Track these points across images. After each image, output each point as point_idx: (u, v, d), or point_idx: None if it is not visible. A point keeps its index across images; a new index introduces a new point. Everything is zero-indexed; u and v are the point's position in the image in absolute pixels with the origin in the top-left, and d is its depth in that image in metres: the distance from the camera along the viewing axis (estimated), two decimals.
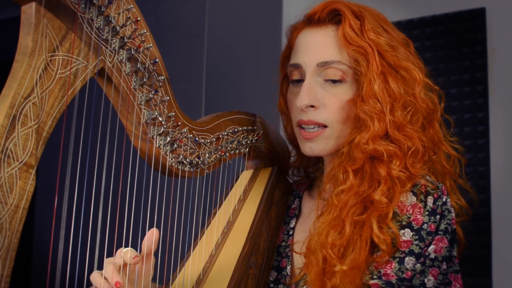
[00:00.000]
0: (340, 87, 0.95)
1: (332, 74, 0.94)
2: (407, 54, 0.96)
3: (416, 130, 0.92)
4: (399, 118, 0.91)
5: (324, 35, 0.96)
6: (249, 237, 0.99)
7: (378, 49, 0.92)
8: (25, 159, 0.65)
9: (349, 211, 0.89)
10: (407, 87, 0.93)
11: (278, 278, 1.02)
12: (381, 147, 0.90)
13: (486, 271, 2.03)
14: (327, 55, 0.94)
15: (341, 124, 0.96)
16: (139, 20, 0.81)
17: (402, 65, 0.93)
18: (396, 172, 0.89)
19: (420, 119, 0.94)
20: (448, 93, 2.14)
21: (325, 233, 0.88)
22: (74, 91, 0.72)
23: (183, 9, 2.09)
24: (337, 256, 0.86)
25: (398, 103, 0.91)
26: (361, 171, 0.92)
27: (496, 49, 2.13)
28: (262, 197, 1.08)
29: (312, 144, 0.98)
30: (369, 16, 0.95)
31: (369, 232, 0.86)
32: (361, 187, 0.90)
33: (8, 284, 0.63)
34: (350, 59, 0.93)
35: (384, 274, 0.85)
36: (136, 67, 0.83)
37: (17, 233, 0.64)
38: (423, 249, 0.85)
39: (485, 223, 2.05)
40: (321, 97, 0.95)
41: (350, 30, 0.92)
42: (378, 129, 0.90)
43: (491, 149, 2.09)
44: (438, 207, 0.88)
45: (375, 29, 0.94)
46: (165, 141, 0.89)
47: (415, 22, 2.22)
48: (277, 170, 1.16)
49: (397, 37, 0.97)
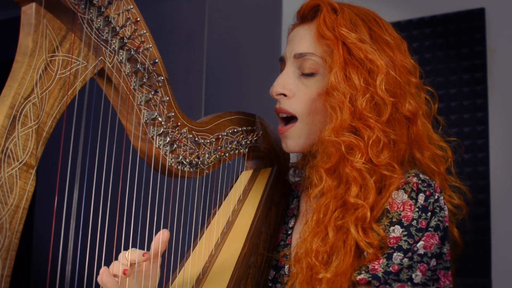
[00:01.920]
0: (313, 80, 0.98)
1: (307, 67, 0.98)
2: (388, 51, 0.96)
3: (380, 121, 0.91)
4: (359, 107, 0.91)
5: (305, 29, 1.00)
6: (248, 237, 0.99)
7: (345, 41, 0.94)
8: (25, 159, 0.65)
9: (331, 216, 0.89)
10: (370, 78, 0.93)
11: (276, 277, 1.02)
12: (344, 138, 0.90)
13: (485, 271, 2.03)
14: (303, 47, 0.98)
15: (310, 116, 0.97)
16: (138, 21, 0.81)
17: (369, 57, 0.93)
18: (359, 164, 0.89)
19: (386, 111, 0.92)
20: (447, 93, 2.15)
21: (309, 240, 0.89)
22: (74, 92, 0.72)
23: (183, 9, 2.09)
24: (321, 263, 0.87)
25: (358, 92, 0.92)
26: (336, 172, 0.92)
27: (495, 49, 2.13)
28: (262, 197, 1.08)
29: (287, 140, 1.01)
30: (348, 12, 0.97)
31: (353, 238, 0.86)
32: (339, 189, 0.90)
33: (9, 284, 0.63)
34: (323, 52, 0.96)
35: (371, 269, 0.85)
36: (136, 67, 0.83)
37: (17, 233, 0.64)
38: (411, 245, 0.86)
39: (485, 222, 2.06)
40: (295, 87, 0.99)
41: (323, 24, 0.96)
42: (340, 119, 0.91)
43: (491, 149, 2.09)
44: (430, 204, 0.89)
45: (348, 23, 0.95)
46: (165, 141, 0.90)
47: (414, 22, 2.22)
48: (277, 170, 1.16)
49: (382, 34, 0.97)
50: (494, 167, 2.09)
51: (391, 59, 0.95)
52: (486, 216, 2.06)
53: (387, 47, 0.96)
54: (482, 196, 2.06)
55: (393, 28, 1.01)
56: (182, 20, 2.08)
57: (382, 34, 0.97)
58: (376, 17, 1.00)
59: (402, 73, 0.96)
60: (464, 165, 2.08)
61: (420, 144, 0.97)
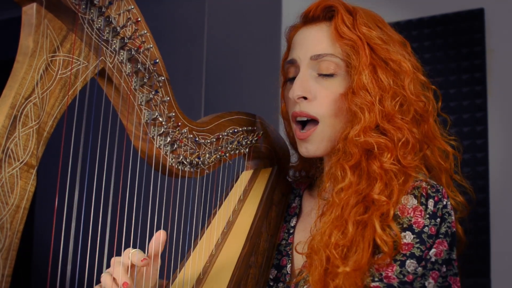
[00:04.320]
0: (332, 81, 0.96)
1: (325, 68, 0.96)
2: (401, 51, 0.97)
3: (406, 121, 0.92)
4: (389, 108, 0.92)
5: (318, 31, 0.98)
6: (249, 237, 0.99)
7: (369, 42, 0.93)
8: (26, 159, 0.65)
9: (351, 211, 0.88)
10: (397, 79, 0.93)
11: (278, 277, 1.02)
12: (372, 139, 0.90)
13: (484, 271, 2.03)
14: (320, 48, 0.96)
15: (333, 118, 0.96)
16: (139, 21, 0.81)
17: (393, 57, 0.94)
18: (387, 165, 0.89)
19: (411, 111, 0.94)
20: (446, 93, 2.15)
21: (328, 233, 0.88)
22: (74, 92, 0.72)
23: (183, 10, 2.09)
24: (340, 257, 0.86)
25: (388, 94, 0.92)
26: (358, 168, 0.92)
27: (495, 49, 2.13)
28: (262, 197, 1.08)
29: (307, 145, 0.99)
30: (362, 13, 0.97)
31: (371, 233, 0.86)
32: (360, 185, 0.90)
33: (9, 284, 0.63)
34: (343, 53, 0.95)
35: (385, 277, 0.85)
36: (137, 67, 0.83)
37: (18, 233, 0.64)
38: (424, 252, 0.86)
39: (484, 222, 2.06)
40: (314, 90, 0.97)
41: (342, 24, 0.94)
42: (368, 120, 0.91)
43: (490, 149, 2.10)
44: (439, 210, 0.89)
45: (367, 24, 0.95)
46: (165, 141, 0.90)
47: (414, 23, 2.22)
48: (277, 170, 1.16)
49: (392, 35, 0.98)
50: (493, 167, 2.09)
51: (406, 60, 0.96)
52: (486, 216, 2.06)
53: (401, 48, 0.97)
54: (481, 196, 2.07)
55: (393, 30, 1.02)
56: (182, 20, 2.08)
57: (392, 35, 0.98)
58: (381, 19, 1.00)
59: (416, 72, 0.97)
60: (463, 165, 2.07)
61: (432, 141, 0.98)
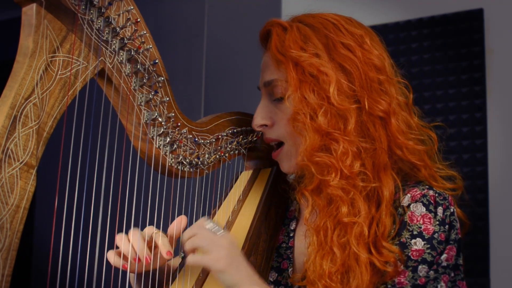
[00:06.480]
0: (284, 103, 0.97)
1: (275, 92, 0.98)
2: (349, 54, 0.93)
3: (345, 132, 0.90)
4: (321, 124, 0.90)
5: (267, 56, 1.00)
6: (248, 237, 0.99)
7: (297, 62, 0.92)
8: (26, 159, 0.65)
9: (333, 235, 0.89)
10: (323, 92, 0.91)
11: (279, 280, 1.02)
12: (317, 159, 0.90)
13: (484, 270, 2.04)
14: (267, 75, 0.99)
15: (294, 138, 0.97)
16: (139, 21, 0.81)
17: (321, 69, 0.91)
18: (335, 182, 0.88)
19: (351, 119, 0.90)
20: (446, 93, 2.15)
21: (318, 262, 0.89)
22: (74, 92, 0.72)
23: (183, 10, 2.10)
24: (338, 283, 0.87)
25: (317, 110, 0.90)
26: (323, 192, 0.91)
27: (494, 49, 2.14)
28: (261, 197, 1.08)
29: (281, 163, 1.02)
30: (298, 28, 0.95)
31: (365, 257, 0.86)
32: (331, 208, 0.90)
33: (9, 283, 0.63)
34: (285, 76, 0.95)
35: (398, 283, 0.86)
36: (136, 68, 0.83)
37: (18, 233, 0.64)
38: (435, 257, 0.87)
39: (483, 222, 2.06)
40: (273, 114, 0.99)
41: (275, 49, 0.95)
42: (309, 141, 0.90)
43: (489, 149, 2.10)
44: (447, 217, 0.90)
45: (298, 41, 0.93)
46: (165, 141, 0.90)
47: (413, 23, 2.22)
48: (276, 170, 1.16)
49: (343, 39, 0.93)
50: (492, 167, 2.09)
51: (352, 62, 0.92)
52: (485, 216, 2.06)
53: (347, 51, 0.92)
54: (480, 196, 2.07)
55: (356, 24, 0.97)
56: (182, 20, 2.09)
57: (341, 38, 0.93)
58: (335, 20, 0.96)
59: (368, 73, 0.92)
60: (462, 165, 2.08)
61: (397, 142, 0.94)
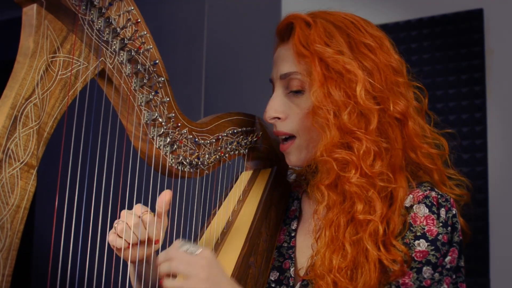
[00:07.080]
0: (302, 97, 0.97)
1: (293, 85, 0.98)
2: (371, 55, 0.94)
3: (368, 131, 0.91)
4: (345, 121, 0.91)
5: (286, 49, 1.00)
6: (248, 237, 0.99)
7: (321, 56, 0.92)
8: (26, 160, 0.65)
9: (345, 231, 0.89)
10: (348, 89, 0.91)
11: (281, 279, 1.02)
12: (337, 155, 0.90)
13: (483, 271, 2.04)
14: (285, 67, 0.99)
15: (307, 133, 0.97)
16: (139, 22, 0.81)
17: (347, 67, 0.92)
18: (354, 180, 0.89)
19: (373, 119, 0.91)
20: (446, 93, 2.15)
21: (328, 257, 0.89)
22: (74, 92, 0.72)
23: (183, 10, 2.10)
24: (347, 279, 0.87)
25: (342, 107, 0.91)
26: (338, 187, 0.91)
27: (494, 49, 2.14)
28: (262, 197, 1.08)
29: (289, 156, 1.02)
30: (322, 24, 0.95)
31: (375, 254, 0.87)
32: (345, 204, 0.90)
33: (10, 284, 0.63)
34: (304, 70, 0.95)
35: (402, 284, 0.87)
36: (137, 68, 0.83)
37: (18, 233, 0.64)
38: (439, 259, 0.88)
39: (483, 222, 2.06)
40: (287, 108, 0.99)
41: (298, 42, 0.95)
42: (330, 137, 0.91)
43: (489, 149, 2.10)
44: (449, 219, 0.91)
45: (321, 37, 0.94)
46: (165, 142, 0.90)
47: (413, 23, 2.22)
48: (276, 170, 1.16)
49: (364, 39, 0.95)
50: (492, 167, 2.10)
51: (374, 63, 0.93)
52: (485, 216, 2.06)
53: (368, 51, 0.94)
54: (480, 196, 2.07)
55: (374, 26, 0.99)
56: (182, 20, 2.09)
57: (362, 38, 0.95)
58: (354, 20, 0.97)
59: (388, 75, 0.94)
60: (462, 165, 2.09)
61: (413, 144, 0.96)
